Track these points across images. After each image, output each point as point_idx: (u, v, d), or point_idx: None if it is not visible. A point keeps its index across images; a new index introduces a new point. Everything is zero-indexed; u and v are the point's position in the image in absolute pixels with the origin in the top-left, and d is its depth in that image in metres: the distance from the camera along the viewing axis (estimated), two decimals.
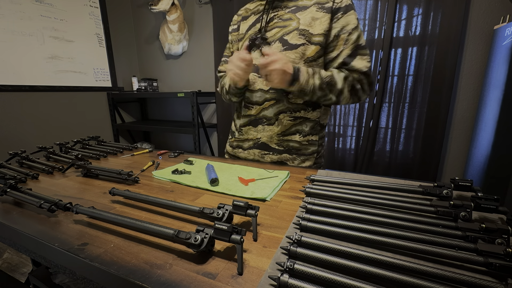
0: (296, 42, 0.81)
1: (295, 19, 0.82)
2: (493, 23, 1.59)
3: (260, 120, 0.91)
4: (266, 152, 0.93)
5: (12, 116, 1.91)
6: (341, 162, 2.18)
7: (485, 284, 0.30)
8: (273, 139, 0.91)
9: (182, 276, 0.36)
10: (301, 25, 0.81)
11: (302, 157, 0.92)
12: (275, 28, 0.85)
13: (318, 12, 0.80)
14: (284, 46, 0.83)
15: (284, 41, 0.83)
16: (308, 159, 0.92)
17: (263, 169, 0.82)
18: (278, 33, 0.84)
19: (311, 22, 0.80)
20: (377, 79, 1.92)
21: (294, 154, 0.91)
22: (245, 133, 0.96)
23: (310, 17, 0.81)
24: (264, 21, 0.87)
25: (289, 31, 0.82)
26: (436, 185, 0.56)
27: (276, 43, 0.84)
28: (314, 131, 0.91)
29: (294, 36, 0.82)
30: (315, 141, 0.92)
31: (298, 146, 0.91)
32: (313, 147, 0.92)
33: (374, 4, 1.82)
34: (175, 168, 0.81)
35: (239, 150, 1.00)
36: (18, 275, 1.54)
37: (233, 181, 0.71)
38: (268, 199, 0.61)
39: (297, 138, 0.90)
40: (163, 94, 2.59)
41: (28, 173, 0.76)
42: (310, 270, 0.33)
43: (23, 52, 1.92)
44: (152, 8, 2.28)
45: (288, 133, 0.90)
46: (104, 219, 0.48)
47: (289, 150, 0.91)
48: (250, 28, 0.91)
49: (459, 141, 1.82)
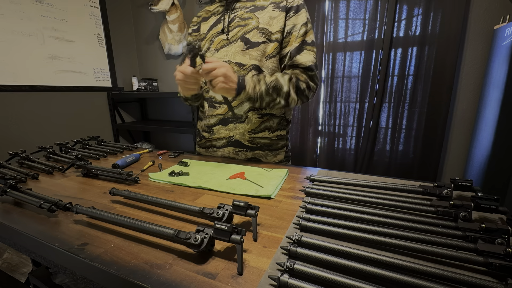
0: (257, 40, 0.85)
1: (254, 18, 0.86)
2: (493, 23, 1.59)
3: (230, 118, 0.92)
4: (240, 149, 0.95)
5: (12, 116, 1.91)
6: (341, 162, 2.18)
7: (485, 284, 0.30)
8: (245, 136, 0.93)
9: (182, 276, 0.36)
10: (261, 24, 0.85)
11: (274, 151, 0.96)
12: (236, 27, 0.88)
13: (275, 11, 0.85)
14: (247, 45, 0.85)
15: (246, 40, 0.86)
16: (279, 153, 0.98)
17: (261, 168, 0.82)
18: (240, 32, 0.87)
19: (269, 21, 0.85)
20: (377, 79, 1.92)
21: (266, 150, 0.95)
22: (216, 132, 0.97)
23: (268, 16, 0.85)
24: (226, 21, 0.90)
25: (249, 30, 0.86)
26: (436, 185, 0.56)
27: (238, 42, 0.86)
28: (281, 126, 0.96)
29: (254, 34, 0.85)
30: (283, 136, 0.98)
31: (269, 142, 0.95)
32: (282, 141, 0.98)
33: (374, 4, 1.82)
34: (171, 170, 0.80)
35: (213, 149, 1.01)
36: (18, 275, 1.54)
37: (235, 180, 0.71)
38: (272, 196, 0.61)
39: (267, 135, 0.94)
40: (163, 94, 2.58)
41: (28, 173, 0.76)
42: (310, 270, 0.33)
43: (23, 52, 1.92)
44: (152, 8, 2.28)
45: (258, 131, 0.93)
46: (104, 219, 0.48)
47: (261, 147, 0.95)
48: (211, 28, 0.93)
49: (459, 141, 1.82)
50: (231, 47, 0.88)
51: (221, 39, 0.90)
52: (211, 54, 0.91)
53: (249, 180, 0.71)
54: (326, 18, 1.99)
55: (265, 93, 0.81)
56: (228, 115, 0.92)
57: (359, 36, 1.93)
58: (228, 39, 0.88)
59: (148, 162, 0.89)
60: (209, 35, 0.93)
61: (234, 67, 0.87)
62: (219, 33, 0.90)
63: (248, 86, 0.79)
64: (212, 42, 0.91)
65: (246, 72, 0.86)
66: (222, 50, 0.89)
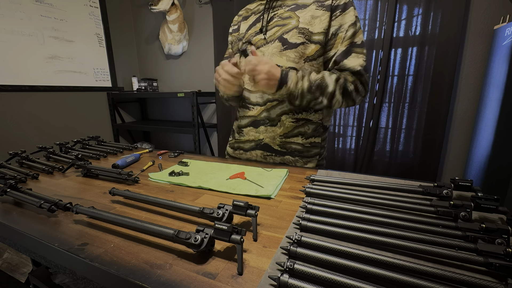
0: (296, 41, 0.80)
1: (295, 17, 0.81)
2: (493, 23, 1.59)
3: (262, 121, 0.89)
4: (268, 153, 0.92)
5: (12, 116, 1.91)
6: (341, 162, 2.18)
7: (485, 284, 0.30)
8: (276, 141, 0.89)
9: (182, 276, 0.36)
10: (301, 23, 0.80)
11: (304, 159, 0.90)
12: (275, 27, 0.84)
13: (318, 10, 0.79)
14: (284, 45, 0.81)
15: (284, 40, 0.81)
16: (311, 161, 0.91)
17: (261, 168, 0.82)
18: (278, 32, 0.83)
19: (311, 21, 0.79)
20: (377, 79, 1.92)
21: (297, 156, 0.90)
22: (246, 134, 0.94)
23: (310, 15, 0.79)
24: (264, 20, 0.86)
25: (288, 30, 0.81)
26: (436, 185, 0.56)
27: (275, 42, 0.83)
28: (316, 133, 0.90)
29: (293, 34, 0.80)
30: (318, 143, 0.91)
31: (301, 148, 0.89)
32: (316, 149, 0.91)
33: (374, 4, 1.82)
34: (171, 170, 0.80)
35: (240, 151, 0.99)
36: (18, 275, 1.54)
37: (235, 181, 0.71)
38: (272, 196, 0.61)
39: (299, 140, 0.89)
40: (163, 94, 2.59)
41: (28, 173, 0.76)
42: (310, 270, 0.33)
43: (23, 52, 1.92)
44: (152, 8, 2.28)
45: (290, 135, 0.88)
46: (104, 219, 0.48)
47: (292, 152, 0.90)
48: (250, 28, 0.90)
49: (459, 141, 1.82)
50: (268, 48, 0.84)
51: (259, 38, 0.86)
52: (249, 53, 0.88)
53: (249, 180, 0.71)
54: None
55: (307, 90, 0.76)
56: (260, 117, 0.89)
57: None
58: (265, 39, 0.85)
59: (148, 162, 0.89)
60: (248, 34, 0.90)
61: None
62: (257, 33, 0.87)
63: (290, 81, 0.75)
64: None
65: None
66: (260, 50, 0.86)
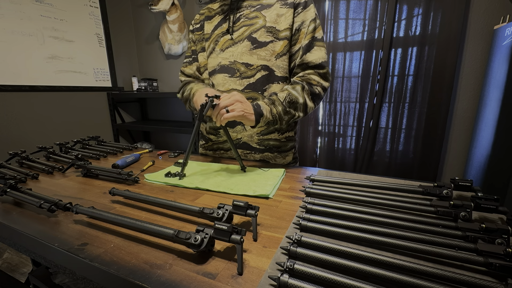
0: (265, 39, 0.83)
1: (261, 17, 0.84)
2: (493, 23, 1.59)
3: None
4: (248, 151, 0.93)
5: (12, 116, 1.91)
6: (341, 162, 2.18)
7: (485, 284, 0.30)
8: (254, 139, 0.91)
9: (182, 276, 0.36)
10: (268, 22, 0.83)
11: (282, 153, 0.94)
12: (243, 27, 0.86)
13: (282, 8, 0.83)
14: (254, 44, 0.84)
15: (253, 39, 0.84)
16: (288, 155, 0.96)
17: (258, 167, 0.82)
18: (246, 32, 0.85)
19: (277, 19, 0.83)
20: (377, 79, 1.92)
21: (275, 152, 0.93)
22: (223, 135, 0.95)
23: (275, 14, 0.83)
24: (231, 21, 0.87)
25: (256, 29, 0.84)
26: (436, 185, 0.56)
27: (244, 42, 0.85)
28: (290, 127, 0.95)
29: (262, 33, 0.83)
30: (292, 137, 0.96)
31: (278, 144, 0.93)
32: (291, 143, 0.96)
33: (374, 4, 1.82)
34: (167, 171, 0.78)
35: (221, 152, 0.99)
36: (18, 275, 1.54)
37: (233, 181, 0.71)
38: (270, 196, 0.61)
39: (276, 136, 0.92)
40: (163, 94, 2.58)
41: (28, 173, 0.76)
42: (310, 270, 0.33)
43: (23, 52, 1.92)
44: (152, 8, 2.28)
45: (267, 132, 0.91)
46: (104, 219, 0.48)
47: (270, 149, 0.93)
48: (216, 28, 0.91)
49: (459, 141, 1.82)
50: (237, 47, 0.86)
51: (226, 39, 0.88)
52: (216, 54, 0.90)
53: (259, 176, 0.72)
54: (326, 18, 1.99)
55: (283, 113, 0.79)
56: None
57: (359, 36, 1.93)
58: (233, 39, 0.87)
59: (148, 162, 0.89)
60: (214, 35, 0.91)
61: (241, 67, 0.85)
62: (224, 33, 0.88)
63: (265, 111, 0.76)
64: (217, 43, 0.89)
65: (254, 72, 0.85)
66: (228, 50, 0.87)
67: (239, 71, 0.86)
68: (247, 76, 0.85)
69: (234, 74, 0.86)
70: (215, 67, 0.90)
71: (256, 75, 0.85)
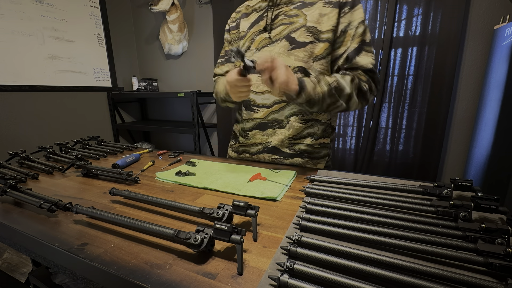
0: (304, 40, 0.77)
1: (302, 15, 0.78)
2: (493, 23, 1.59)
3: (270, 123, 0.86)
4: (277, 156, 0.88)
5: (12, 116, 1.91)
6: (341, 162, 2.18)
7: (485, 284, 0.30)
8: (284, 143, 0.86)
9: (182, 276, 0.36)
10: (309, 22, 0.77)
11: (314, 160, 0.88)
12: (281, 25, 0.80)
13: (326, 7, 0.76)
14: (292, 45, 0.79)
15: (292, 39, 0.79)
16: (320, 162, 0.89)
17: (269, 169, 0.81)
18: (285, 31, 0.80)
19: (319, 19, 0.77)
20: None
21: (307, 157, 0.87)
22: (252, 137, 0.91)
23: (318, 13, 0.77)
24: (268, 18, 0.82)
25: (296, 28, 0.78)
26: (436, 185, 0.56)
27: (282, 41, 0.80)
28: (325, 133, 0.88)
29: (301, 33, 0.77)
30: (327, 144, 0.89)
31: (310, 149, 0.87)
32: (325, 150, 0.89)
33: (374, 4, 1.82)
34: (178, 170, 0.80)
35: (246, 155, 0.95)
36: (18, 275, 1.54)
37: (242, 181, 0.70)
38: (278, 199, 0.60)
39: (309, 142, 0.86)
40: (163, 94, 2.58)
41: (28, 173, 0.76)
42: (310, 270, 0.33)
43: (23, 52, 1.92)
44: (152, 8, 2.28)
45: (299, 137, 0.86)
46: (104, 219, 0.48)
47: (301, 154, 0.87)
48: (252, 26, 0.86)
49: (459, 141, 1.82)
50: (275, 47, 0.81)
51: (263, 37, 0.83)
52: (252, 54, 0.85)
53: (271, 181, 0.70)
54: None
55: (328, 94, 0.71)
56: (267, 119, 0.85)
57: None
58: (270, 38, 0.81)
59: (148, 162, 0.89)
60: (250, 33, 0.86)
61: None
62: (261, 31, 0.83)
63: (308, 86, 0.69)
64: (253, 41, 0.84)
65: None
66: (264, 49, 0.82)
67: None
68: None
69: None
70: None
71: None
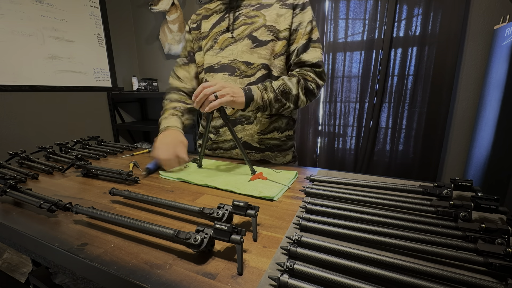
0: (265, 38, 0.83)
1: (261, 16, 0.84)
2: (493, 23, 1.59)
3: (238, 120, 0.90)
4: (248, 150, 0.93)
5: (12, 116, 1.91)
6: (341, 162, 2.18)
7: (485, 284, 0.30)
8: (254, 138, 0.91)
9: (182, 276, 0.36)
10: (268, 21, 0.83)
11: (282, 152, 0.95)
12: (243, 25, 0.86)
13: (282, 8, 0.84)
14: (254, 43, 0.84)
15: (254, 38, 0.84)
16: (288, 154, 0.97)
17: (270, 168, 0.81)
18: (246, 30, 0.85)
19: (277, 19, 0.84)
20: (377, 79, 1.92)
21: (276, 151, 0.94)
22: (223, 134, 0.94)
23: (275, 13, 0.84)
24: (230, 19, 0.87)
25: (257, 28, 0.84)
26: (436, 185, 0.56)
27: (245, 40, 0.85)
28: (289, 126, 0.96)
29: (262, 32, 0.83)
30: (291, 136, 0.97)
31: (278, 143, 0.93)
32: (291, 141, 0.97)
33: (374, 4, 1.82)
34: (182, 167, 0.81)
35: (220, 151, 0.99)
36: (18, 275, 1.54)
37: (243, 180, 0.70)
38: (275, 199, 0.60)
39: (276, 135, 0.92)
40: (163, 94, 2.58)
41: (28, 173, 0.76)
42: (310, 270, 0.33)
43: (23, 52, 1.92)
44: (152, 8, 2.28)
45: (267, 131, 0.91)
46: (104, 219, 0.48)
47: (271, 148, 0.93)
48: (214, 26, 0.90)
49: (459, 141, 1.82)
50: (237, 46, 0.86)
51: (226, 37, 0.88)
52: (215, 53, 0.89)
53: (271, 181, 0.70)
54: (326, 18, 1.99)
55: (274, 100, 0.80)
56: (235, 116, 0.90)
57: (359, 36, 1.93)
58: (233, 37, 0.86)
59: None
60: (212, 33, 0.90)
61: (241, 66, 0.85)
62: (223, 31, 0.88)
63: (256, 95, 0.76)
64: (216, 41, 0.89)
65: (255, 71, 0.85)
66: (228, 48, 0.87)
67: (240, 70, 0.86)
68: (248, 75, 0.85)
69: (234, 72, 0.86)
70: (213, 65, 0.90)
71: (257, 74, 0.85)
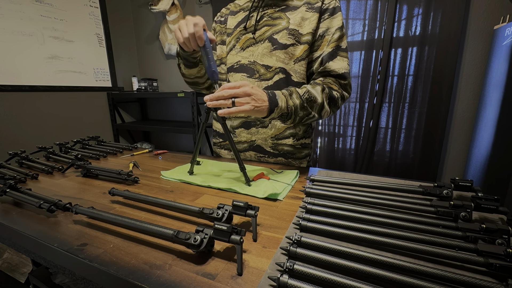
0: (286, 42, 0.80)
1: (285, 18, 0.81)
2: (493, 23, 1.59)
3: (253, 122, 0.88)
4: (261, 154, 0.91)
5: (12, 116, 1.91)
6: (341, 162, 2.18)
7: (485, 285, 0.30)
8: (268, 142, 0.89)
9: (181, 277, 0.36)
10: (291, 24, 0.80)
11: (296, 161, 0.92)
12: (265, 26, 0.83)
13: (308, 12, 0.80)
14: (274, 46, 0.82)
15: (274, 40, 0.82)
16: (302, 163, 0.93)
17: (271, 169, 0.81)
18: (268, 32, 0.83)
19: (301, 22, 0.80)
20: (377, 79, 1.92)
21: (289, 158, 0.91)
22: (238, 135, 0.92)
23: (300, 17, 0.80)
24: (254, 19, 0.85)
25: (278, 30, 0.81)
26: (436, 185, 0.56)
27: (265, 42, 0.83)
28: (307, 134, 0.92)
29: (283, 35, 0.81)
30: (308, 144, 0.93)
31: (293, 150, 0.90)
32: (306, 150, 0.93)
33: (374, 4, 1.82)
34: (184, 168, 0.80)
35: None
36: (18, 275, 1.54)
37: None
38: (281, 198, 0.60)
39: (290, 142, 0.89)
40: (163, 94, 2.58)
41: (28, 173, 0.76)
42: (310, 271, 0.33)
43: (23, 52, 1.92)
44: (152, 8, 2.28)
45: (281, 137, 0.88)
46: (104, 219, 0.48)
47: (284, 154, 0.90)
48: (238, 25, 0.88)
49: (459, 141, 1.82)
50: (258, 47, 0.83)
51: (247, 37, 0.85)
52: (236, 52, 0.87)
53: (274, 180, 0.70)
54: None
55: (300, 107, 0.71)
56: (250, 118, 0.88)
57: (359, 36, 1.93)
58: (254, 39, 0.84)
59: (148, 163, 0.89)
60: (236, 32, 0.88)
61: (261, 69, 0.83)
62: (246, 31, 0.86)
63: (280, 101, 0.67)
64: (239, 40, 0.87)
65: (272, 74, 0.82)
66: (248, 49, 0.85)
67: (259, 73, 0.83)
68: (266, 78, 0.83)
69: (253, 75, 0.84)
70: (233, 64, 0.88)
71: (274, 77, 0.82)
